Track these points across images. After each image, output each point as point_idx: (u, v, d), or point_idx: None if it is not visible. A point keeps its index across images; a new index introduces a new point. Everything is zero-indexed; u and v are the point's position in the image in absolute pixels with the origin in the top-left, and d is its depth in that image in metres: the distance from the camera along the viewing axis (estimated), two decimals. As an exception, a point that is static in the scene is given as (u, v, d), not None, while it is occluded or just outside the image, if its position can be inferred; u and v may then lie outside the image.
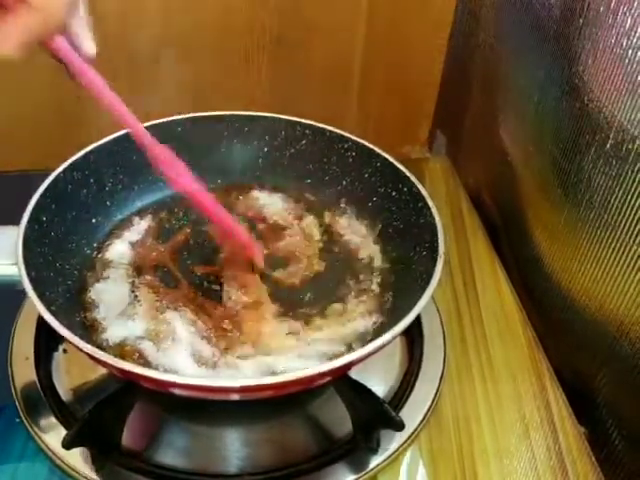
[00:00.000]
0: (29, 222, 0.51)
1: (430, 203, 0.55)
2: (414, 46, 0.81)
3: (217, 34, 0.76)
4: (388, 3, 0.77)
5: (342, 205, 0.65)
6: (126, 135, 0.61)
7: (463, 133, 0.83)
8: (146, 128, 0.62)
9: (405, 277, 0.55)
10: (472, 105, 0.80)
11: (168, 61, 0.77)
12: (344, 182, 0.65)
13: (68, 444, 0.45)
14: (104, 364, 0.42)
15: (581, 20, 0.52)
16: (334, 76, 0.82)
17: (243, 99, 0.81)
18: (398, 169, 0.60)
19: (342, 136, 0.64)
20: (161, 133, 0.63)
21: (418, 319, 0.58)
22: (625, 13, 0.46)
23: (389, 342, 0.43)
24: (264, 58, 0.79)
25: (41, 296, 0.45)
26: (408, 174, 0.59)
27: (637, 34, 0.45)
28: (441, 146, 0.89)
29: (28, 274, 0.46)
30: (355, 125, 0.87)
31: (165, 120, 0.63)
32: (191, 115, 0.65)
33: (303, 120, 0.65)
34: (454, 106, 0.85)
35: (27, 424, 0.49)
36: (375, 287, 0.57)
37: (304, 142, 0.66)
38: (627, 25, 0.46)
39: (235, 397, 0.45)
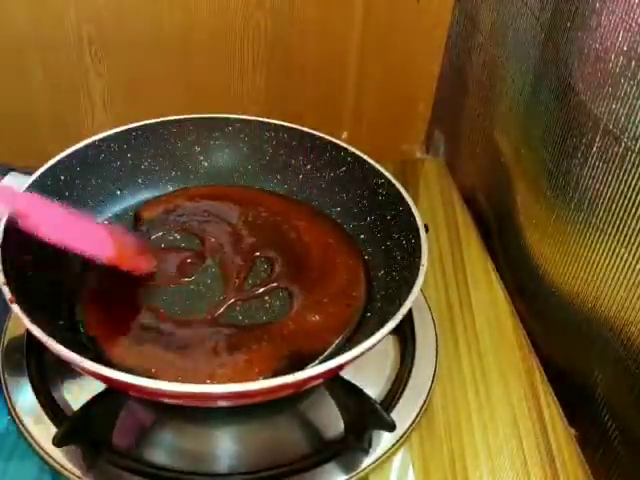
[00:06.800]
0: (8, 224, 0.49)
1: (419, 223, 0.54)
2: (410, 47, 0.81)
3: (212, 35, 0.76)
4: (384, 4, 0.77)
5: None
6: (111, 137, 0.61)
7: (460, 134, 0.84)
8: (138, 128, 0.62)
9: (393, 282, 0.55)
10: (468, 106, 0.80)
11: (162, 61, 0.77)
12: (340, 196, 0.65)
13: (59, 442, 0.44)
14: (83, 370, 0.42)
15: (569, 24, 0.52)
16: (330, 77, 0.82)
17: (238, 100, 0.82)
18: (375, 168, 0.60)
19: (335, 144, 0.64)
20: (152, 134, 0.64)
21: (410, 320, 0.58)
22: (608, 16, 0.46)
23: (376, 344, 0.44)
24: (259, 59, 0.79)
25: (24, 304, 0.44)
26: (386, 173, 0.59)
27: (619, 38, 0.45)
28: (439, 146, 0.89)
29: (8, 285, 0.45)
30: (350, 126, 0.87)
31: (156, 121, 0.63)
32: (180, 117, 0.65)
33: (292, 125, 0.65)
34: (451, 107, 0.85)
35: (18, 422, 0.49)
36: (365, 288, 0.57)
37: (294, 146, 0.65)
38: (610, 28, 0.46)
39: (223, 403, 0.45)
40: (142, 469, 0.47)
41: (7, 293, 0.44)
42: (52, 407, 0.50)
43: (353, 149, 0.62)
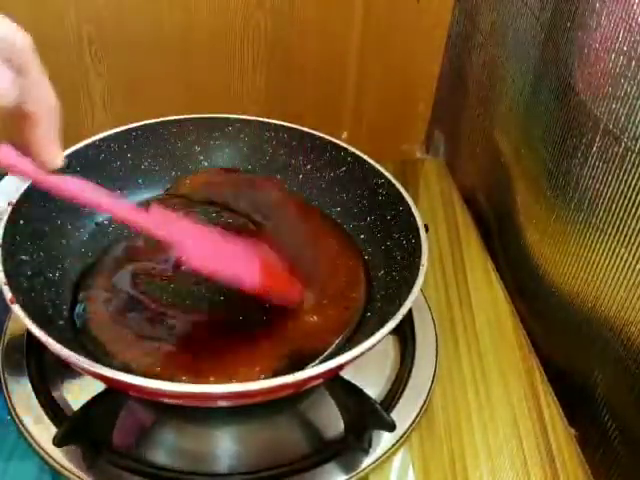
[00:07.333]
0: (8, 223, 0.50)
1: (419, 223, 0.54)
2: (410, 47, 0.81)
3: (212, 35, 0.76)
4: (384, 4, 0.77)
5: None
6: (111, 137, 0.61)
7: (460, 134, 0.84)
8: (138, 128, 0.63)
9: (393, 282, 0.55)
10: (468, 106, 0.80)
11: (162, 61, 0.77)
12: (340, 196, 0.65)
13: (59, 442, 0.45)
14: (83, 370, 0.42)
15: (569, 24, 0.52)
16: (330, 77, 0.82)
17: (238, 100, 0.82)
18: (375, 168, 0.60)
19: (335, 144, 0.63)
20: (152, 134, 0.64)
21: (410, 320, 0.58)
22: (608, 16, 0.46)
23: (376, 344, 0.44)
24: (259, 59, 0.79)
25: (24, 304, 0.44)
26: (386, 173, 0.59)
27: (619, 38, 0.45)
28: (439, 146, 0.90)
29: (9, 285, 0.45)
30: (350, 126, 0.87)
31: (156, 121, 0.64)
32: (180, 117, 0.65)
33: (292, 125, 0.65)
34: (451, 107, 0.85)
35: (18, 422, 0.49)
36: (365, 288, 0.57)
37: (294, 146, 0.65)
38: (610, 28, 0.46)
39: (223, 403, 0.45)
40: (142, 469, 0.47)
41: (7, 293, 0.44)
42: (52, 407, 0.50)
43: (353, 149, 0.62)
